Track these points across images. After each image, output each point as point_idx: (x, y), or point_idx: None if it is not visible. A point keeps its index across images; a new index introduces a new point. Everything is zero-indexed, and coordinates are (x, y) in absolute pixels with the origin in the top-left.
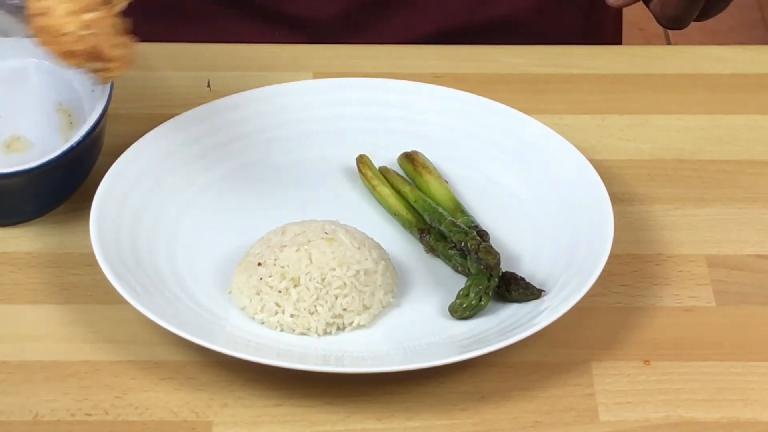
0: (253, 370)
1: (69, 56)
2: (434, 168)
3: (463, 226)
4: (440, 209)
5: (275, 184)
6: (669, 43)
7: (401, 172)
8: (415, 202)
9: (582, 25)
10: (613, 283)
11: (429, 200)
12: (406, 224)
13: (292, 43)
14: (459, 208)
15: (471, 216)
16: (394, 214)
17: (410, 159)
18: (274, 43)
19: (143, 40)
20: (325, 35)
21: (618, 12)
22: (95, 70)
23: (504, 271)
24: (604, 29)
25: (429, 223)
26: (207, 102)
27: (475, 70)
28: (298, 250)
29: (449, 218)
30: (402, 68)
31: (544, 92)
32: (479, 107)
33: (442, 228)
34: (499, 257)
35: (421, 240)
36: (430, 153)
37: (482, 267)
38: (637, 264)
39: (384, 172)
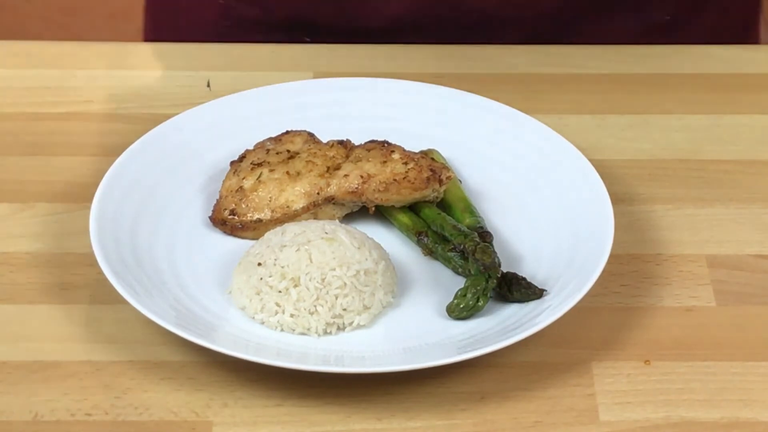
0: (253, 370)
1: None
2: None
3: (464, 228)
4: (443, 213)
5: None
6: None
7: None
8: (420, 210)
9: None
10: (613, 283)
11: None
12: (403, 228)
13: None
14: (469, 209)
15: (480, 217)
16: (392, 218)
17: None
18: (274, 43)
19: (144, 40)
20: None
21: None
22: None
23: (505, 271)
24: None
25: (431, 227)
26: (207, 102)
27: (475, 70)
28: (298, 250)
29: (451, 222)
30: (402, 68)
31: (544, 92)
32: (480, 107)
33: (444, 233)
34: (495, 257)
35: (419, 243)
36: None
37: (481, 267)
38: (637, 264)
39: None
